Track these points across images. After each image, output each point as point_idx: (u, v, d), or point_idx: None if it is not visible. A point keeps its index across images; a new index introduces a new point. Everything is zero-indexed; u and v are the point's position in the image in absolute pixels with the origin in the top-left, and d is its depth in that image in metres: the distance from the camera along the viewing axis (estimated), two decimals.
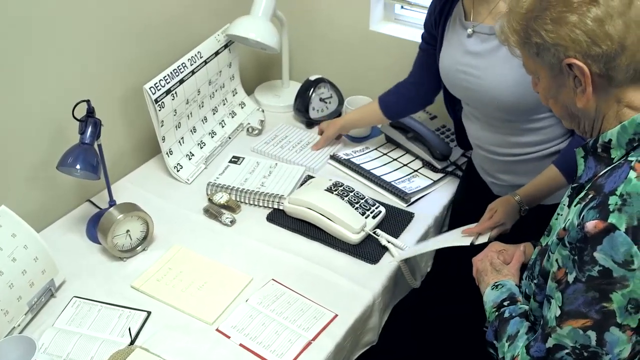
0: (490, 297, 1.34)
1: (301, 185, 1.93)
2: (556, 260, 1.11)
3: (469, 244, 1.57)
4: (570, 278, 1.07)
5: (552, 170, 1.59)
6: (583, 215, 1.05)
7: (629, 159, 1.06)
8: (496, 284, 1.36)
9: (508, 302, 1.30)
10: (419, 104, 2.00)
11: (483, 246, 1.51)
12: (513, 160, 1.71)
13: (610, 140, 1.11)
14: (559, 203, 1.29)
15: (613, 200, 1.02)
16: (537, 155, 1.68)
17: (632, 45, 1.03)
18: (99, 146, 1.69)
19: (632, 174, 1.03)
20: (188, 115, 2.05)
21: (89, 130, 1.64)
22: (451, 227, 1.88)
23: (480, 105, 1.70)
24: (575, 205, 1.12)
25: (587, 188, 1.11)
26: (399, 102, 1.98)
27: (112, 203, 1.80)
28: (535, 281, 1.24)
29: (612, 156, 1.11)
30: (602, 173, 1.11)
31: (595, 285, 1.03)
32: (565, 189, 1.36)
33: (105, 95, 1.89)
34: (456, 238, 1.62)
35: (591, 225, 1.02)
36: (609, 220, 1.01)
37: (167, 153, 1.98)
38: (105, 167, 1.75)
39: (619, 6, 1.01)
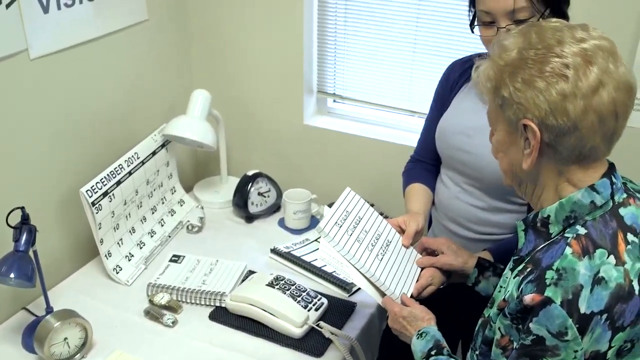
0: (417, 347, 1.38)
1: (243, 281, 1.93)
2: (499, 329, 1.16)
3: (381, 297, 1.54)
4: (513, 346, 1.12)
5: (484, 254, 1.63)
6: (522, 289, 1.10)
7: (566, 235, 1.12)
8: (420, 332, 1.40)
9: (435, 350, 1.34)
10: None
11: None
12: (477, 238, 1.73)
13: (549, 216, 1.16)
14: None
15: (550, 274, 1.07)
16: (500, 239, 1.70)
17: (584, 129, 1.08)
18: (35, 252, 1.66)
19: (568, 250, 1.09)
20: (126, 216, 2.04)
21: (24, 237, 1.62)
22: None
23: (465, 169, 1.70)
24: (514, 277, 1.16)
25: (526, 261, 1.16)
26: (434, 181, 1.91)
27: (49, 310, 1.75)
28: (477, 352, 1.28)
29: (550, 231, 1.17)
30: (540, 247, 1.16)
31: (527, 351, 1.08)
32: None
33: (41, 199, 1.88)
34: (380, 281, 1.54)
35: (529, 298, 1.07)
36: (545, 294, 1.05)
37: (105, 255, 1.95)
38: (42, 273, 1.71)
39: (585, 89, 1.06)
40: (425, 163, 1.88)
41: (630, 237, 1.11)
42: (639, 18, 1.85)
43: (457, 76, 1.77)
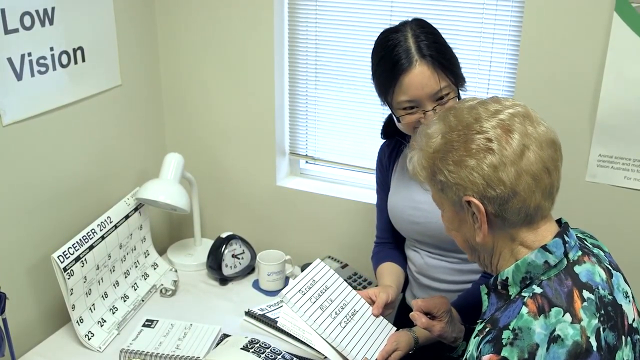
0: None
1: (217, 345, 1.91)
2: None
3: None
4: None
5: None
6: (480, 349, 1.11)
7: (523, 294, 1.15)
8: None
9: None
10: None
11: None
12: (455, 289, 1.76)
13: (507, 278, 1.20)
14: None
15: (506, 334, 1.09)
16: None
17: (523, 191, 1.14)
18: (4, 320, 1.64)
19: (524, 310, 1.11)
20: (99, 281, 2.02)
21: None
22: None
23: (424, 239, 1.77)
24: (474, 337, 1.18)
25: (485, 321, 1.18)
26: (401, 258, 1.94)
27: None
28: None
29: (509, 293, 1.20)
30: (500, 307, 1.19)
31: None
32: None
33: (11, 265, 1.86)
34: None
35: (486, 358, 1.09)
36: (501, 354, 1.07)
37: (77, 321, 1.92)
38: (11, 342, 1.68)
39: (512, 156, 1.13)
40: (389, 243, 1.94)
41: (586, 294, 1.14)
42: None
43: (386, 158, 1.87)
